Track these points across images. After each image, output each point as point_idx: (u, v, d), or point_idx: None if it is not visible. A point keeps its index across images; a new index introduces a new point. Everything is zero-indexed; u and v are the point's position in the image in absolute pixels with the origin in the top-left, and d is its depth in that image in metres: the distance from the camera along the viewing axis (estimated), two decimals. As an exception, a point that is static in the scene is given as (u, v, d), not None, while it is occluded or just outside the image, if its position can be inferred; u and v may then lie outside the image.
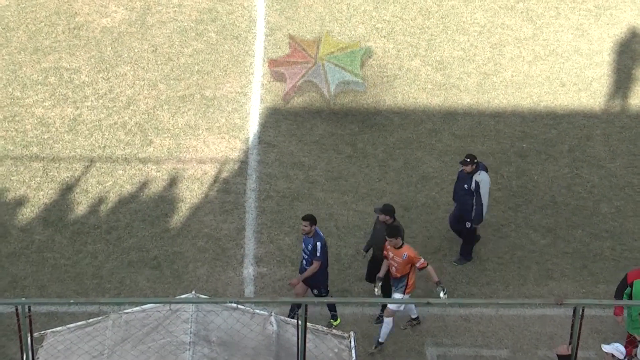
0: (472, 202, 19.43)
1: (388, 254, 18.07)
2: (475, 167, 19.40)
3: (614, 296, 17.41)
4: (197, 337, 15.01)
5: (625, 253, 20.74)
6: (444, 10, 25.71)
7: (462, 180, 19.66)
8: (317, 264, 18.42)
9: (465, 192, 19.52)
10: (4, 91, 23.36)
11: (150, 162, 22.10)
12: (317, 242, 18.43)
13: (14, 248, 20.33)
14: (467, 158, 19.48)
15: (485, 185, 19.40)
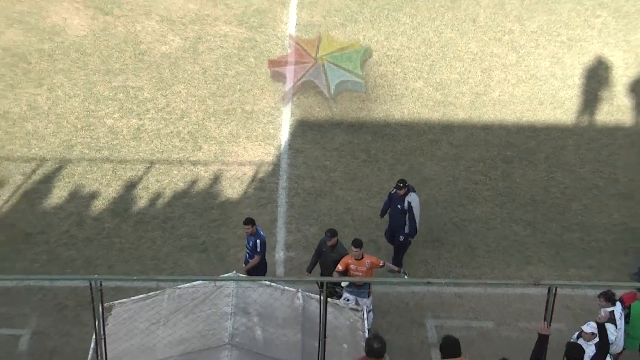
0: (406, 219, 19.08)
1: (350, 266, 17.41)
2: (407, 190, 19.05)
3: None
4: (237, 309, 15.03)
5: (592, 243, 20.66)
6: (443, 41, 25.61)
7: (396, 201, 19.18)
8: (257, 257, 18.31)
9: (399, 212, 19.12)
10: (82, 105, 23.37)
11: (200, 164, 22.08)
12: (257, 239, 18.29)
13: (88, 234, 20.36)
14: (400, 183, 19.06)
15: (417, 204, 19.10)
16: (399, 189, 19.04)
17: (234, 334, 14.59)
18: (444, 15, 26.39)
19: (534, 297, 18.31)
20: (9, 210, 20.81)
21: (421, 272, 19.74)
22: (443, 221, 21.00)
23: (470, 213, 21.24)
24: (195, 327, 14.89)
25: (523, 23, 26.23)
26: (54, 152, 22.20)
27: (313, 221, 20.85)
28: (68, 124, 22.88)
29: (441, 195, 21.61)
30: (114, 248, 20.03)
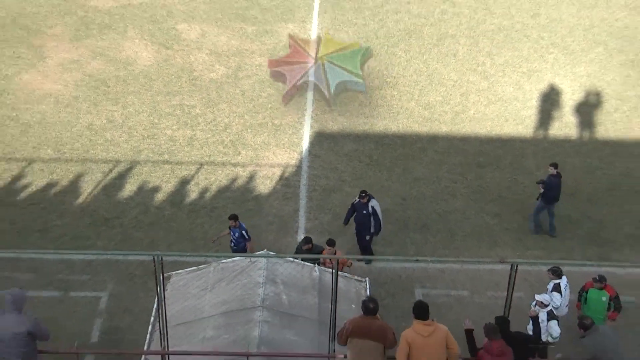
0: (371, 221, 18.78)
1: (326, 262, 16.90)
2: (368, 199, 18.76)
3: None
4: (267, 279, 15.06)
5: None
6: (430, 71, 25.60)
7: (360, 208, 18.79)
8: (250, 243, 18.27)
9: (364, 216, 18.75)
10: (148, 119, 23.46)
11: (239, 166, 22.13)
12: (242, 230, 18.19)
13: (152, 219, 20.44)
14: (362, 193, 18.75)
15: (379, 207, 18.86)
16: (362, 198, 18.79)
17: (265, 298, 14.64)
18: (431, 50, 26.38)
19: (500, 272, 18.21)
20: (92, 200, 20.92)
21: (411, 251, 19.76)
22: (429, 212, 21.00)
23: (450, 206, 21.26)
24: (234, 293, 14.94)
25: (493, 57, 26.19)
26: (126, 155, 22.29)
27: (327, 211, 20.89)
28: (137, 134, 22.97)
29: (428, 192, 21.62)
30: (172, 231, 20.12)
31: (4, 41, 25.93)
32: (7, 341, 11.34)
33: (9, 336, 11.31)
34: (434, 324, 11.35)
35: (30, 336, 11.46)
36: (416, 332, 11.26)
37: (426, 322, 11.30)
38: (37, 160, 22.02)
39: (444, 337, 11.30)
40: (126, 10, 27.56)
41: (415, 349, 11.13)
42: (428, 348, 11.14)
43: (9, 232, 19.85)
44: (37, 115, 23.40)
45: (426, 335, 11.18)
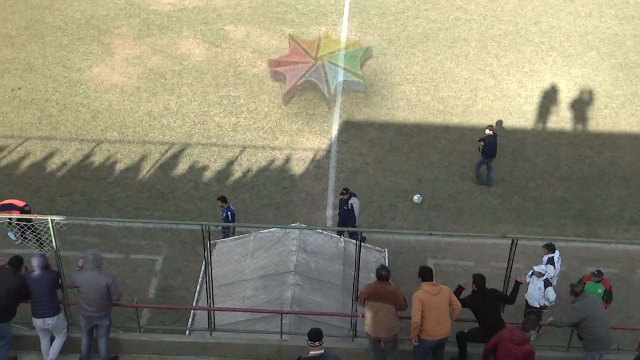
0: (353, 215, 18.12)
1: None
2: (349, 196, 18.11)
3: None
4: (299, 248, 15.06)
5: (542, 210, 20.44)
6: (444, 69, 25.32)
7: (342, 203, 18.22)
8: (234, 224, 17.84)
9: (346, 211, 18.15)
10: (199, 108, 23.46)
11: (276, 149, 22.08)
12: (229, 212, 17.80)
13: (201, 194, 20.48)
14: (344, 191, 18.15)
15: (357, 205, 18.22)
16: (343, 195, 18.21)
17: (297, 264, 14.64)
18: (445, 52, 26.08)
19: (501, 246, 18.04)
20: (150, 176, 21.00)
21: (425, 226, 19.64)
22: (441, 192, 20.83)
23: (460, 187, 21.07)
24: (271, 259, 14.95)
25: (499, 59, 25.84)
26: (180, 138, 22.32)
27: (353, 190, 20.72)
28: (189, 120, 22.98)
29: (440, 175, 21.44)
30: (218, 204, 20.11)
31: (78, 39, 26.01)
32: (88, 293, 11.53)
33: (91, 289, 11.50)
34: (439, 285, 11.51)
35: (108, 290, 11.61)
36: (426, 291, 11.42)
37: (433, 283, 11.49)
38: (105, 141, 22.12)
39: (448, 295, 11.50)
40: (182, 13, 27.51)
41: (427, 306, 11.32)
42: (436, 304, 11.35)
43: (80, 202, 19.99)
44: (105, 103, 23.48)
45: (434, 294, 11.37)
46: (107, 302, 11.76)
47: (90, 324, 11.81)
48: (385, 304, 11.57)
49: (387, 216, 20.00)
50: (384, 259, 15.99)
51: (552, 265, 16.26)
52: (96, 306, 11.62)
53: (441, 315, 11.40)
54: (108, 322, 11.90)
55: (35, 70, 24.51)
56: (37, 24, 26.59)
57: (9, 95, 23.54)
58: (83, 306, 11.64)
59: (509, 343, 11.25)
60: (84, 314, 11.69)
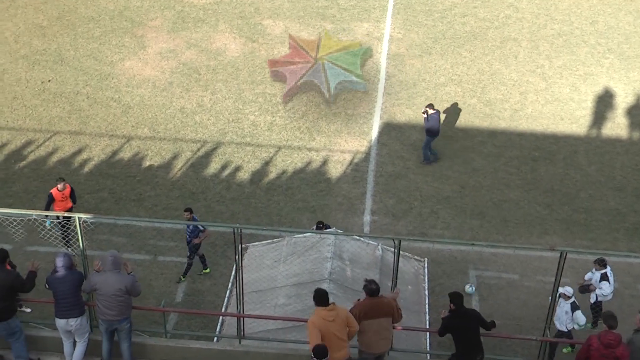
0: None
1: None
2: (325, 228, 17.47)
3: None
4: (335, 255, 15.04)
5: (593, 222, 20.16)
6: (492, 71, 25.11)
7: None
8: (206, 232, 17.28)
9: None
10: (233, 105, 23.58)
11: (313, 150, 22.10)
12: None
13: (233, 195, 20.58)
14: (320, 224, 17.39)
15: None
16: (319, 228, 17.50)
17: (332, 272, 14.62)
18: (494, 52, 25.87)
19: (548, 259, 17.95)
20: (181, 175, 21.16)
21: (467, 235, 19.49)
22: (485, 200, 20.66)
23: (505, 195, 20.87)
24: (305, 266, 14.96)
25: (551, 60, 25.55)
26: (213, 137, 22.46)
27: (392, 195, 20.73)
28: (223, 118, 23.12)
29: (485, 182, 21.26)
30: (251, 206, 20.22)
31: (111, 31, 26.34)
32: (107, 296, 11.62)
33: (110, 291, 11.59)
34: (336, 309, 11.12)
35: (127, 292, 11.70)
36: (322, 318, 11.01)
37: (329, 308, 11.08)
38: (135, 137, 22.35)
39: (344, 318, 11.15)
40: (218, 6, 27.69)
41: (324, 333, 10.95)
42: (334, 329, 10.99)
43: (108, 200, 20.23)
44: (136, 97, 23.74)
45: (331, 320, 11.00)
46: (127, 305, 11.84)
47: (110, 327, 11.91)
48: (383, 319, 11.58)
49: (428, 224, 19.89)
50: (423, 268, 15.89)
51: (606, 282, 16.03)
52: (116, 309, 11.72)
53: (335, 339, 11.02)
54: (128, 325, 11.98)
55: (66, 63, 24.88)
56: (69, 15, 26.99)
57: (39, 87, 23.92)
58: (102, 309, 11.74)
59: (603, 350, 10.83)
60: (103, 317, 11.80)
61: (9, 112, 23.00)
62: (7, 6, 27.21)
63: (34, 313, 12.29)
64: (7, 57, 25.04)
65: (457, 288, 17.71)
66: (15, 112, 23.02)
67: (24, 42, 25.71)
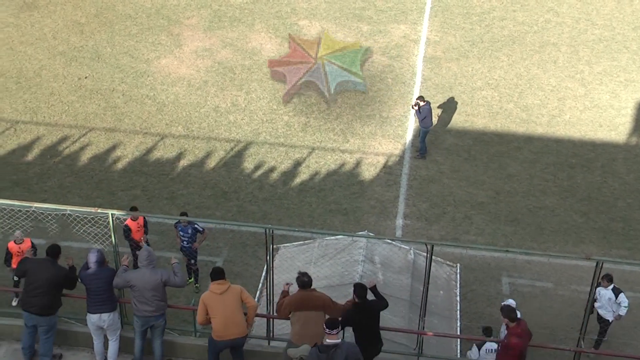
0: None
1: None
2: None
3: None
4: (366, 258, 15.02)
5: (631, 231, 19.87)
6: (530, 75, 24.90)
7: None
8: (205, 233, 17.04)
9: None
10: (268, 105, 23.64)
11: (347, 152, 22.08)
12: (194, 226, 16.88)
13: (266, 195, 20.62)
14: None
15: None
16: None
17: (363, 275, 14.59)
18: (532, 57, 25.65)
19: (584, 268, 17.72)
20: (214, 174, 21.27)
21: (501, 242, 19.33)
22: (520, 207, 20.47)
23: (541, 202, 20.66)
24: (336, 269, 14.95)
25: (592, 66, 25.26)
26: (246, 137, 22.54)
27: (425, 199, 20.63)
28: (257, 118, 23.19)
29: (520, 188, 21.07)
30: (283, 207, 20.25)
31: (147, 29, 26.58)
32: (144, 291, 11.72)
33: (146, 286, 11.68)
34: (227, 283, 11.55)
35: (164, 286, 11.78)
36: (211, 291, 11.50)
37: (219, 282, 11.54)
38: (169, 135, 22.52)
39: (237, 294, 11.53)
40: (255, 5, 27.81)
41: (212, 306, 11.42)
42: (223, 304, 11.41)
43: (141, 198, 20.40)
44: (171, 96, 23.92)
45: (219, 293, 11.42)
46: (164, 301, 11.93)
47: (145, 324, 11.98)
48: (314, 312, 11.62)
49: (461, 229, 19.77)
50: (455, 274, 15.80)
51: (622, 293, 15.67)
52: (153, 305, 11.79)
53: (229, 314, 11.44)
54: (164, 322, 12.07)
55: (102, 60, 25.16)
56: (107, 12, 27.29)
57: (76, 84, 24.22)
58: (138, 306, 11.82)
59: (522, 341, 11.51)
60: (139, 314, 11.87)
61: (46, 107, 23.32)
62: (46, 3, 27.60)
63: (65, 308, 12.38)
64: (46, 53, 25.40)
65: (489, 295, 17.63)
66: (52, 107, 23.33)
67: (62, 38, 26.06)
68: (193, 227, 16.96)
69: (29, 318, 11.90)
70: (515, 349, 11.56)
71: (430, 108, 21.57)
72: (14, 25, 26.61)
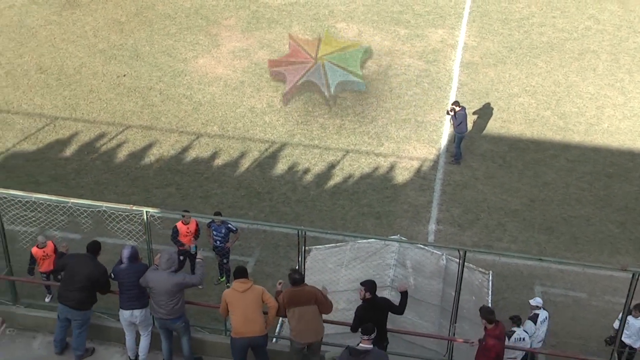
0: None
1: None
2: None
3: None
4: (398, 262, 15.00)
5: (668, 244, 19.61)
6: (568, 83, 24.69)
7: None
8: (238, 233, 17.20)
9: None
10: (303, 107, 23.72)
11: (381, 156, 22.07)
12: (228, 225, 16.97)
13: (299, 197, 20.68)
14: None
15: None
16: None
17: (394, 279, 14.59)
18: (571, 64, 25.42)
19: (619, 279, 17.48)
20: (248, 174, 21.39)
21: (535, 250, 19.18)
22: (555, 215, 20.30)
23: (576, 211, 20.47)
24: (367, 272, 14.95)
25: (632, 74, 24.97)
26: (281, 138, 22.64)
27: (458, 205, 20.55)
28: (292, 120, 23.28)
29: (555, 196, 20.89)
30: (316, 209, 20.30)
31: (186, 29, 26.83)
32: (159, 294, 11.76)
33: (162, 290, 11.73)
34: (250, 282, 11.71)
35: (180, 289, 11.82)
36: (233, 288, 11.70)
37: (242, 280, 11.72)
38: (204, 135, 22.70)
39: (258, 293, 11.70)
40: (293, 7, 27.93)
41: (232, 303, 11.62)
42: (244, 302, 11.60)
43: (175, 196, 20.59)
44: (207, 95, 24.11)
45: (241, 291, 11.60)
46: (179, 305, 11.95)
47: (163, 326, 12.06)
48: (308, 307, 11.78)
49: (494, 236, 19.65)
50: (487, 281, 15.72)
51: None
52: (166, 309, 11.82)
53: (249, 313, 11.59)
54: (183, 324, 12.06)
55: (141, 58, 25.45)
56: (147, 11, 27.60)
57: (115, 81, 24.52)
58: (155, 307, 11.92)
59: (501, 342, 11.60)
60: (156, 315, 11.98)
61: (85, 104, 23.65)
62: (88, 1, 28.00)
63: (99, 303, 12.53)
64: (86, 50, 25.76)
65: (521, 303, 17.47)
66: (90, 104, 23.65)
67: (102, 36, 26.41)
68: (226, 227, 17.05)
69: (64, 311, 12.07)
70: (491, 350, 11.56)
71: (465, 113, 21.51)
72: (56, 23, 27.03)
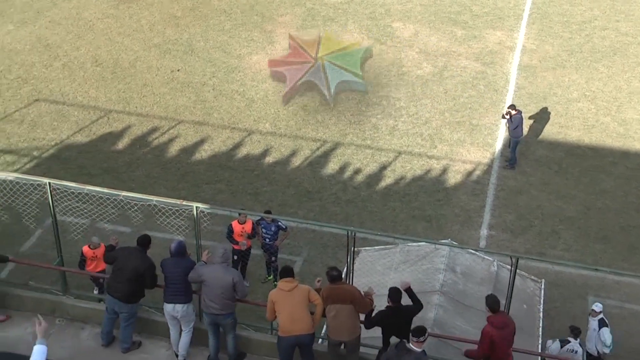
0: None
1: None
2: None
3: None
4: (447, 267, 14.83)
5: None
6: (631, 89, 24.12)
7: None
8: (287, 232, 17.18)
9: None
10: (356, 106, 23.60)
11: (434, 158, 21.84)
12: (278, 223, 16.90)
13: (349, 197, 20.60)
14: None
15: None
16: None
17: (443, 284, 14.42)
18: (634, 69, 24.83)
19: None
20: (299, 173, 21.37)
21: (589, 259, 18.75)
22: (612, 224, 19.83)
23: (635, 221, 19.96)
24: (416, 276, 14.80)
25: (697, 81, 24.31)
26: (333, 137, 22.57)
27: (512, 210, 20.22)
28: (345, 119, 23.19)
29: (613, 205, 20.41)
30: (366, 210, 20.18)
31: (241, 25, 26.94)
32: (213, 288, 11.82)
33: (217, 284, 11.78)
34: (295, 282, 11.76)
35: (233, 287, 11.86)
36: (279, 288, 11.75)
37: (288, 280, 11.74)
38: (256, 132, 22.75)
39: (304, 293, 11.73)
40: (349, 5, 27.84)
41: (278, 303, 11.66)
42: (290, 300, 11.62)
43: (225, 192, 20.67)
44: (260, 92, 24.16)
45: (287, 290, 11.64)
46: (232, 300, 11.97)
47: (213, 321, 12.10)
48: (344, 305, 11.70)
49: (548, 244, 19.27)
50: (539, 289, 15.42)
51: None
52: (220, 303, 11.86)
53: (295, 311, 11.60)
54: (232, 320, 12.12)
55: (195, 53, 25.63)
56: (203, 6, 27.79)
57: (169, 76, 24.74)
58: (207, 302, 11.94)
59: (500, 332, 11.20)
60: (207, 310, 12.00)
61: (139, 98, 23.90)
62: (144, -5, 28.34)
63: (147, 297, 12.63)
64: (141, 44, 26.05)
65: (574, 313, 17.11)
66: (144, 98, 23.90)
67: (157, 30, 26.68)
68: (276, 225, 17.04)
69: (112, 302, 12.19)
70: (486, 337, 11.23)
71: (522, 117, 21.17)
72: (113, 17, 27.39)
